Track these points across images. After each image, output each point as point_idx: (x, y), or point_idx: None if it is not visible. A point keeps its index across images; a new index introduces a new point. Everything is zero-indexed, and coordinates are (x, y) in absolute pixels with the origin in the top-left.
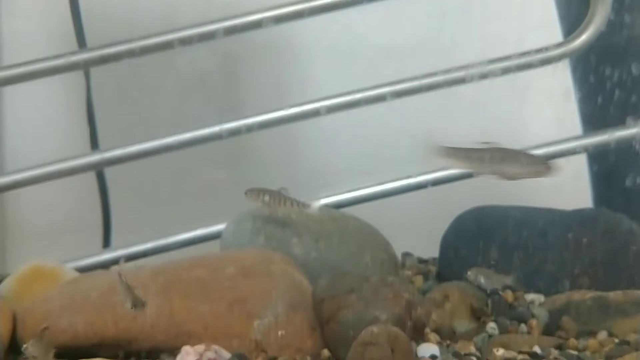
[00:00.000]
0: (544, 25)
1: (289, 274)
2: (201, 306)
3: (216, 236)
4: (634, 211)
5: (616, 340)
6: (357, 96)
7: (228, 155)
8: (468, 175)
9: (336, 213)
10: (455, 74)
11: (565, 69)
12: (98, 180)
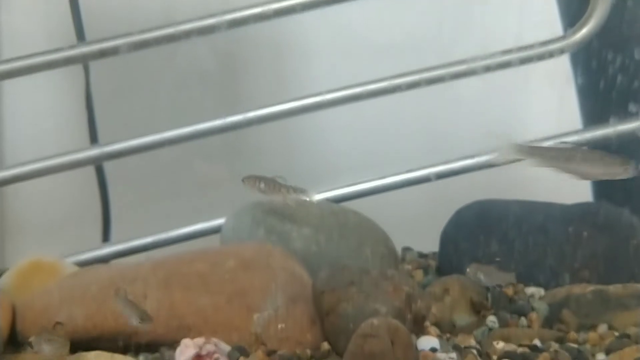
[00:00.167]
0: (544, 23)
1: (289, 268)
2: (201, 299)
3: (216, 230)
4: (634, 205)
5: (616, 333)
6: (357, 90)
7: (227, 149)
8: (467, 169)
9: (336, 207)
10: (456, 68)
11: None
12: (97, 174)
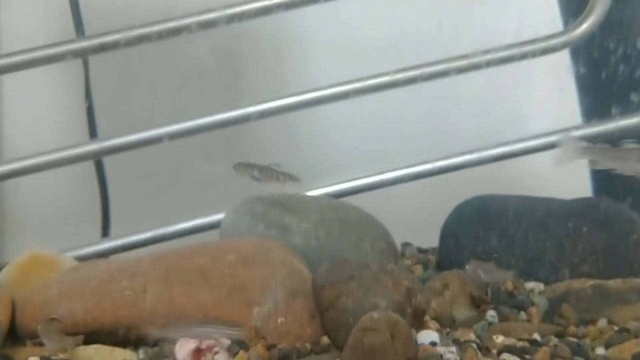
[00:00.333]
0: (544, 21)
1: (289, 262)
2: (201, 293)
3: (215, 225)
4: (634, 200)
5: (616, 327)
6: (358, 85)
7: (227, 145)
8: (466, 165)
9: (336, 202)
10: (456, 63)
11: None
12: (97, 169)
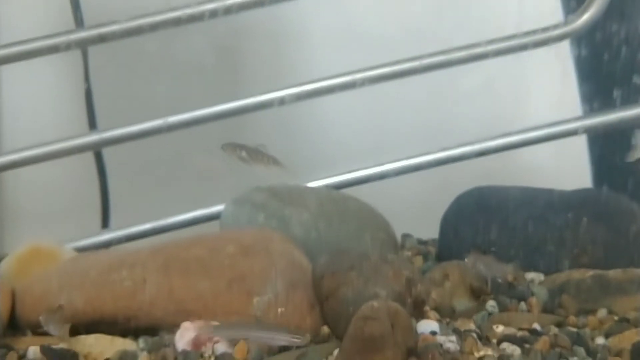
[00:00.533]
0: (544, 14)
1: (288, 253)
2: (200, 284)
3: (215, 217)
4: (634, 191)
5: (616, 317)
6: (358, 76)
7: (226, 136)
8: (466, 156)
9: (336, 194)
10: (456, 55)
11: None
12: (96, 160)
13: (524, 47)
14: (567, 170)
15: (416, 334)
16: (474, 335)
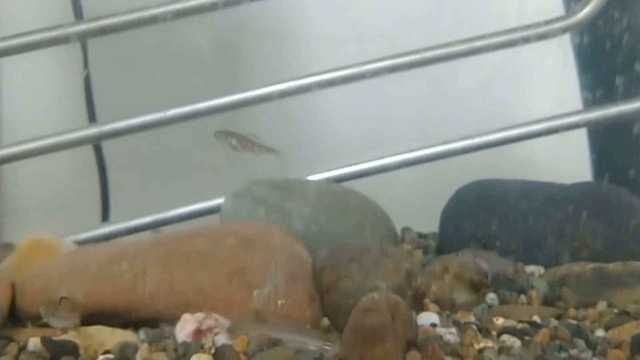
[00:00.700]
0: (545, 10)
1: (289, 246)
2: (201, 276)
3: (216, 210)
4: (633, 185)
5: (615, 310)
6: (357, 70)
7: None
8: (467, 150)
9: (336, 187)
10: (457, 48)
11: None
12: (96, 154)
13: (527, 40)
14: (567, 163)
15: (416, 326)
16: (474, 327)
